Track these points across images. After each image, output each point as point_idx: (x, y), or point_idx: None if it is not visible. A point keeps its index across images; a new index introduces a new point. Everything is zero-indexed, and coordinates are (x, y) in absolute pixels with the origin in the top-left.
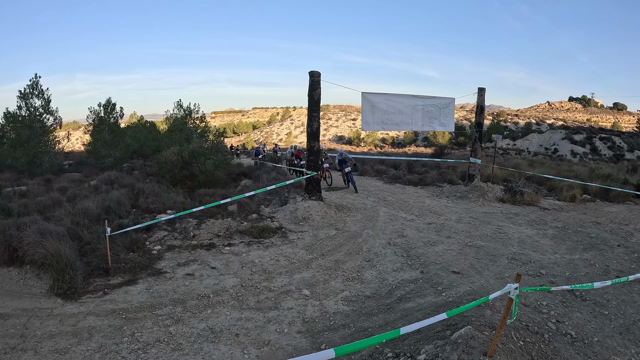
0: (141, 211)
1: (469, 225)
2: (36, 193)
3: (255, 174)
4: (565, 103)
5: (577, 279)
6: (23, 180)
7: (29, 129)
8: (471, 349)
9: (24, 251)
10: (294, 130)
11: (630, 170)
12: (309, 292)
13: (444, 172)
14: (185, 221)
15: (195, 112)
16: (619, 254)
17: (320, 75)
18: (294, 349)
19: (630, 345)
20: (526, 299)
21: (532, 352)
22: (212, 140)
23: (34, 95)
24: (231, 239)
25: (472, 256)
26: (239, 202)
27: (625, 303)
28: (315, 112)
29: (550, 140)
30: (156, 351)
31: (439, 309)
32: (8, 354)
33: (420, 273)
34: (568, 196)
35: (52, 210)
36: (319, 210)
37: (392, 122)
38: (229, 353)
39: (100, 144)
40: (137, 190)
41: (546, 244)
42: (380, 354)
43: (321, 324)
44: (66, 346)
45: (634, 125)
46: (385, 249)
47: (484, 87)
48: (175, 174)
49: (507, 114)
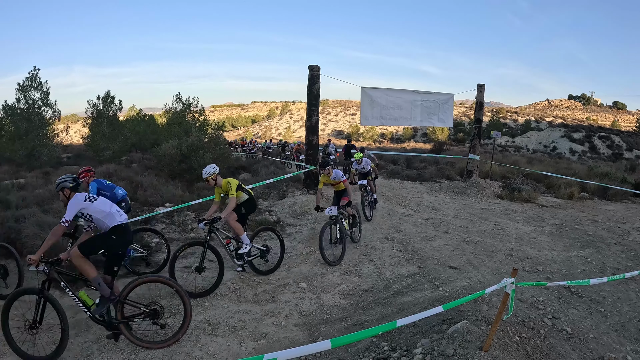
0: (139, 204)
1: (467, 221)
2: (35, 186)
3: (253, 168)
4: (565, 101)
5: (574, 276)
6: (21, 173)
7: (27, 121)
8: (467, 343)
9: (22, 243)
10: (293, 125)
11: (629, 169)
12: (307, 285)
13: (443, 168)
14: (184, 214)
15: (194, 106)
16: (615, 252)
17: (320, 69)
18: (291, 342)
19: (625, 342)
20: (522, 295)
21: (527, 348)
22: (211, 134)
23: (32, 87)
24: (228, 231)
25: (470, 252)
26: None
27: (621, 300)
28: (314, 106)
29: (549, 138)
30: None
31: (436, 303)
32: (6, 345)
33: (417, 268)
34: (566, 194)
35: (50, 202)
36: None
37: (391, 117)
38: (226, 345)
39: (99, 137)
40: (135, 183)
41: (543, 241)
42: (377, 347)
43: (318, 317)
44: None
45: (633, 125)
46: (382, 244)
47: (483, 84)
48: (174, 167)
49: (507, 111)
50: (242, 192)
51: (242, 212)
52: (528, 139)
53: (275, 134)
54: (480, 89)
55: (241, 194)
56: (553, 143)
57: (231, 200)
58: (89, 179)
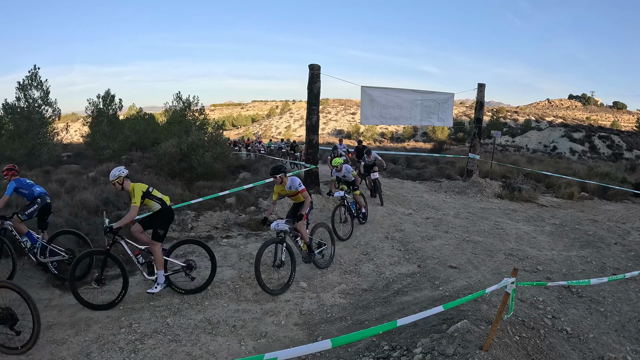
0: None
1: (467, 221)
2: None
3: (253, 167)
4: (565, 101)
5: (574, 276)
6: (21, 172)
7: (27, 120)
8: (467, 343)
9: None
10: (293, 124)
11: (629, 169)
12: (306, 284)
13: (443, 168)
14: (184, 213)
15: (195, 105)
16: (615, 252)
17: (320, 68)
18: (291, 341)
19: (625, 342)
20: (522, 295)
21: (527, 347)
22: (211, 133)
23: (32, 86)
24: (229, 231)
25: (470, 251)
26: (237, 195)
27: (621, 300)
28: (314, 105)
29: (550, 138)
30: (153, 342)
31: (436, 303)
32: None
33: (417, 267)
34: (566, 193)
35: (51, 201)
36: (317, 203)
37: (391, 117)
38: (226, 344)
39: (99, 136)
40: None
41: (543, 241)
42: (377, 347)
43: (318, 317)
44: (64, 337)
45: (633, 125)
46: (382, 243)
47: (483, 83)
48: (174, 166)
49: (507, 111)
50: (151, 201)
51: (151, 223)
52: (528, 139)
53: (276, 133)
54: (480, 88)
55: (151, 203)
56: (553, 143)
57: (131, 209)
58: (10, 177)
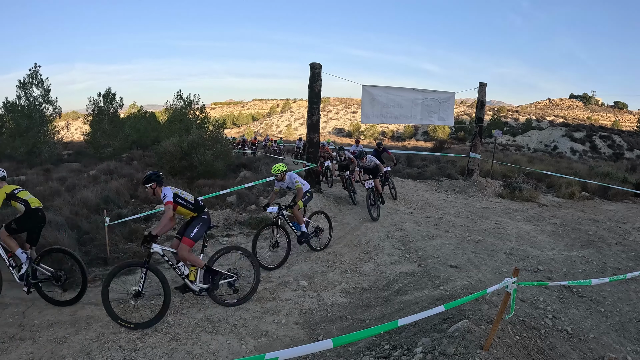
0: (140, 201)
1: (468, 220)
2: (35, 183)
3: (254, 166)
4: (566, 100)
5: (574, 276)
6: (22, 170)
7: (28, 118)
8: (468, 343)
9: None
10: (293, 123)
11: (630, 169)
12: (307, 283)
13: (443, 167)
14: None
15: (195, 103)
16: (616, 252)
17: (321, 67)
18: (292, 340)
19: (625, 342)
20: (523, 295)
21: (528, 347)
22: (212, 131)
23: (33, 84)
24: (230, 229)
25: (470, 250)
26: (238, 193)
27: (622, 301)
28: (315, 104)
29: (550, 137)
30: (154, 341)
31: (437, 302)
32: (6, 342)
33: (418, 266)
34: (567, 193)
35: (51, 200)
36: (318, 202)
37: (392, 115)
38: (226, 343)
39: (100, 134)
40: (136, 180)
41: (544, 240)
42: (377, 346)
43: (319, 316)
44: (64, 335)
45: (634, 125)
46: (383, 242)
47: (484, 82)
48: (175, 164)
49: (508, 110)
50: (16, 203)
51: (14, 227)
52: (529, 138)
53: (276, 132)
54: (481, 87)
55: (15, 204)
56: (554, 142)
57: None
58: None
